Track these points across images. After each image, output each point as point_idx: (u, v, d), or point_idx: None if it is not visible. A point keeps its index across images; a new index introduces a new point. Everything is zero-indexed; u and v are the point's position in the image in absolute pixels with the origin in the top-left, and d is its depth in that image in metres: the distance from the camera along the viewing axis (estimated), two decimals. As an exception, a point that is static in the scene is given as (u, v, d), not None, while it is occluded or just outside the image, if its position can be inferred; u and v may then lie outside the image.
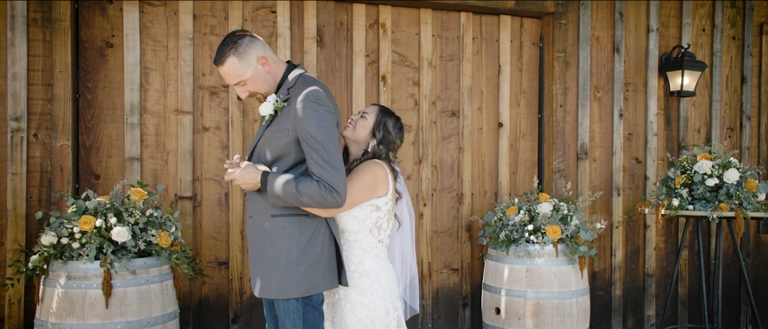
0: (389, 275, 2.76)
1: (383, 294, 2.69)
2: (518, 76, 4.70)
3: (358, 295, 2.66)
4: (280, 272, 2.47)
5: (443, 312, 4.54)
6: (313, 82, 2.54)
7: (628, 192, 4.88)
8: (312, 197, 2.38)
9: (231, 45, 2.52)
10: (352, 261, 2.68)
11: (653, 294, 4.97)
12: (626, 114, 4.89)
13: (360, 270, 2.67)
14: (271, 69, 2.60)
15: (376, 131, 2.79)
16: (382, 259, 2.74)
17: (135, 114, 3.84)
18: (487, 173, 4.63)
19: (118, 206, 3.27)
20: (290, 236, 2.48)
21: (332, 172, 2.37)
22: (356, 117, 2.85)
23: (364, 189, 2.63)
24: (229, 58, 2.51)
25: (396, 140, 2.84)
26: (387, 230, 2.75)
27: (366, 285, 2.66)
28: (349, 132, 2.83)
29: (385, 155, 2.80)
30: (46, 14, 3.60)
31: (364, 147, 2.82)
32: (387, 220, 2.73)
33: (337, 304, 2.70)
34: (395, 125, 2.84)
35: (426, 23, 4.45)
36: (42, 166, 3.61)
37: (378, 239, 2.72)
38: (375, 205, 2.68)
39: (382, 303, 2.67)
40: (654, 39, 4.95)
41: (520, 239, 3.99)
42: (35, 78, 3.60)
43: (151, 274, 3.25)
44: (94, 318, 3.10)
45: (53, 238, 3.15)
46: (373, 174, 2.70)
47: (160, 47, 3.91)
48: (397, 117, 2.88)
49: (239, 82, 2.55)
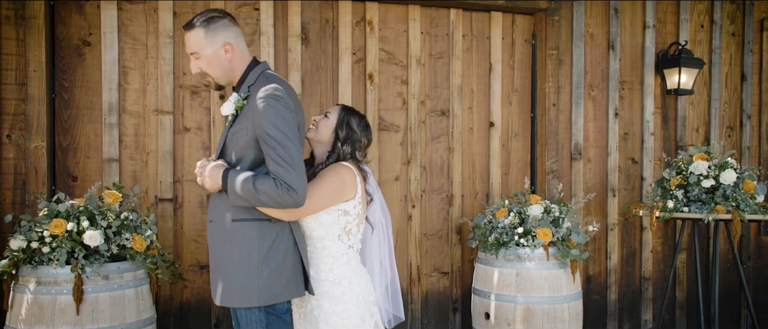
0: (363, 281, 2.64)
1: (357, 301, 2.57)
2: (510, 75, 4.58)
3: (331, 304, 2.54)
4: (240, 279, 2.36)
5: (433, 317, 4.43)
6: (273, 79, 2.43)
7: (624, 193, 4.75)
8: (269, 195, 2.26)
9: (205, 17, 2.48)
10: (321, 269, 2.56)
11: (650, 298, 4.84)
12: (622, 113, 4.76)
13: (331, 278, 2.55)
14: (232, 60, 2.51)
15: (339, 130, 2.69)
16: (354, 265, 2.62)
17: (113, 114, 3.74)
18: (478, 173, 4.51)
19: (92, 209, 3.17)
20: (251, 241, 2.37)
21: (289, 170, 2.26)
22: (319, 118, 2.76)
23: (329, 193, 2.51)
24: (196, 29, 2.47)
25: (362, 139, 2.73)
26: (357, 234, 2.63)
27: (338, 293, 2.55)
28: (312, 133, 2.74)
29: (350, 155, 2.69)
30: (20, 12, 3.51)
31: (328, 148, 2.71)
32: (356, 224, 2.62)
33: (309, 315, 2.58)
34: (359, 123, 2.73)
35: (414, 20, 4.33)
36: (16, 167, 3.52)
37: (348, 244, 2.60)
38: (343, 209, 2.56)
39: (357, 310, 2.56)
40: (650, 36, 4.82)
41: (509, 242, 3.87)
42: (8, 77, 3.51)
43: (125, 279, 3.15)
44: (65, 325, 3.00)
45: (23, 242, 3.05)
46: (340, 177, 2.58)
47: (139, 46, 3.81)
48: (361, 115, 2.78)
49: (195, 54, 2.48)
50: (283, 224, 2.42)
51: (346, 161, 2.66)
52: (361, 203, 2.62)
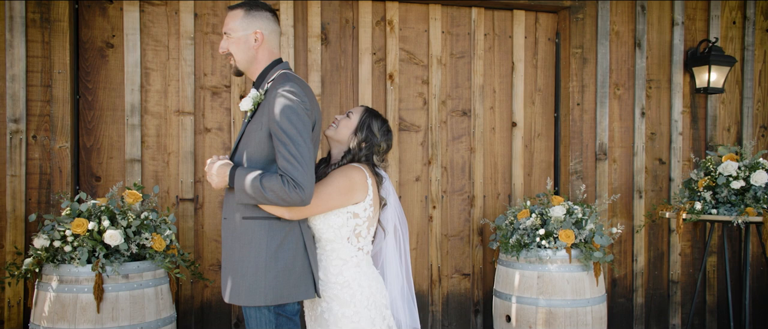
0: (374, 284, 2.58)
1: (367, 304, 2.52)
2: (533, 74, 4.52)
3: (341, 307, 2.50)
4: (248, 277, 2.36)
5: (454, 319, 4.38)
6: (293, 78, 2.43)
7: (651, 194, 4.65)
8: (275, 192, 2.25)
9: (250, 4, 2.53)
10: (330, 272, 2.52)
11: (679, 303, 4.72)
12: (649, 112, 4.66)
13: (340, 281, 2.51)
14: (259, 51, 2.52)
15: (359, 132, 2.63)
16: (364, 268, 2.56)
17: (136, 115, 3.79)
18: (500, 174, 4.46)
19: (113, 209, 3.21)
20: (260, 239, 2.36)
21: (298, 167, 2.25)
22: (340, 117, 2.71)
23: (336, 194, 2.47)
24: (237, 10, 2.53)
25: (381, 143, 2.66)
26: (368, 237, 2.58)
27: (348, 296, 2.50)
28: (332, 131, 2.69)
29: (365, 158, 2.63)
30: (45, 15, 3.58)
31: (345, 148, 2.67)
32: (367, 227, 2.56)
33: (320, 317, 2.55)
34: (381, 128, 2.67)
35: (435, 19, 4.30)
36: (41, 168, 3.59)
37: (357, 247, 2.55)
38: (352, 212, 2.51)
39: (367, 313, 2.51)
40: (679, 33, 4.70)
41: (531, 243, 3.81)
42: (34, 79, 3.58)
43: (145, 278, 3.19)
44: (86, 323, 3.04)
45: (46, 241, 3.10)
46: (349, 178, 2.53)
47: (160, 47, 3.85)
48: (384, 119, 2.72)
49: (227, 33, 2.52)
50: (293, 224, 2.41)
51: (359, 164, 2.61)
52: (372, 206, 2.57)
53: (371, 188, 2.56)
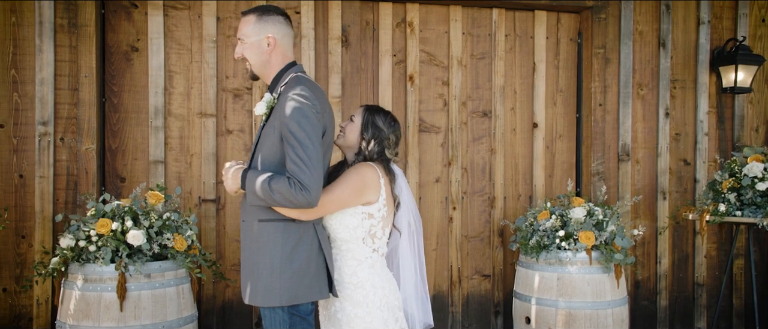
0: (387, 285, 2.59)
1: (380, 305, 2.53)
2: (555, 74, 4.49)
3: (354, 308, 2.52)
4: (264, 279, 2.40)
5: (474, 319, 4.38)
6: (305, 82, 2.46)
7: (676, 196, 4.58)
8: (282, 193, 2.28)
9: (262, 10, 2.58)
10: (345, 272, 2.54)
11: (704, 305, 4.65)
12: (673, 113, 4.59)
13: (354, 282, 2.53)
14: (272, 54, 2.55)
15: (364, 132, 2.64)
16: (378, 269, 2.58)
17: (159, 117, 3.87)
18: (521, 175, 4.44)
19: (136, 210, 3.28)
20: (275, 242, 2.40)
21: (305, 169, 2.27)
22: (345, 123, 2.73)
23: (348, 192, 2.49)
24: (250, 16, 2.58)
25: (389, 136, 2.66)
26: (383, 238, 2.60)
27: (361, 297, 2.52)
28: (341, 139, 2.72)
29: (378, 155, 2.64)
30: (73, 20, 3.67)
31: (356, 151, 2.68)
32: (382, 228, 2.58)
33: (333, 317, 2.58)
34: (385, 121, 2.67)
35: (455, 21, 4.30)
36: (68, 169, 3.68)
37: (372, 248, 2.56)
38: (367, 212, 2.53)
39: (380, 314, 2.52)
40: (705, 32, 4.63)
41: (550, 245, 3.79)
42: (62, 83, 3.67)
43: (167, 278, 3.25)
44: (109, 321, 3.12)
45: (71, 241, 3.19)
46: (361, 175, 2.54)
47: (184, 50, 3.93)
48: (386, 112, 2.72)
49: (241, 39, 2.58)
50: (307, 226, 2.44)
51: (372, 162, 2.62)
52: (386, 206, 2.58)
53: (384, 187, 2.57)
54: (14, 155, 3.64)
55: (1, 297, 3.64)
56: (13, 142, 3.64)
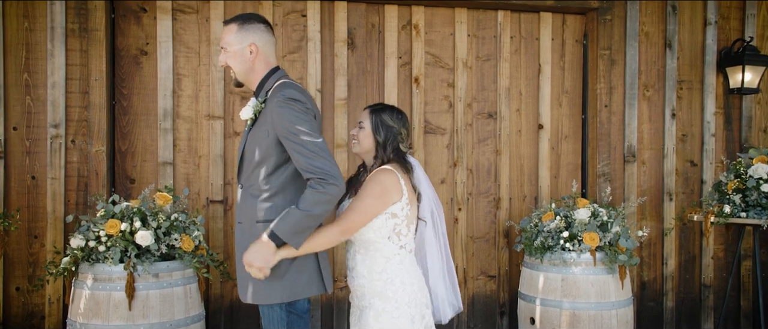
0: (416, 283, 2.65)
1: (408, 301, 2.59)
2: (560, 76, 4.51)
3: (383, 303, 2.58)
4: (266, 278, 2.45)
5: (480, 320, 4.41)
6: (293, 85, 2.54)
7: (682, 197, 4.58)
8: (314, 202, 2.33)
9: (243, 18, 2.65)
10: (375, 270, 2.61)
11: (711, 307, 4.64)
12: (679, 114, 4.59)
13: (384, 278, 2.59)
14: (254, 62, 2.62)
15: (377, 135, 2.70)
16: (407, 265, 2.63)
17: (168, 119, 3.93)
18: (527, 176, 4.46)
19: (145, 211, 3.35)
20: None
21: (319, 159, 2.34)
22: (355, 131, 2.78)
23: (373, 201, 2.54)
24: (232, 25, 2.65)
25: (401, 131, 2.72)
26: (408, 235, 2.65)
27: (390, 292, 2.58)
28: (357, 147, 2.77)
29: (395, 153, 2.70)
30: (83, 25, 3.74)
31: (374, 154, 2.74)
32: (406, 225, 2.64)
33: (363, 313, 2.65)
34: (393, 116, 2.73)
35: (461, 23, 4.33)
36: (79, 171, 3.76)
37: (399, 245, 2.62)
38: (390, 212, 2.59)
39: (408, 310, 2.58)
40: (712, 33, 4.62)
41: (555, 246, 3.81)
42: (73, 86, 3.75)
43: (174, 277, 3.31)
44: (118, 320, 3.18)
45: (81, 241, 3.26)
46: (380, 183, 2.59)
47: (192, 54, 3.99)
48: (392, 107, 2.77)
49: (224, 47, 2.65)
50: None
51: (388, 164, 2.67)
52: (409, 205, 2.63)
53: (405, 187, 2.62)
54: (27, 157, 3.72)
55: (15, 296, 3.72)
56: (26, 144, 3.72)
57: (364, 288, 2.63)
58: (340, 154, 4.14)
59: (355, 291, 2.69)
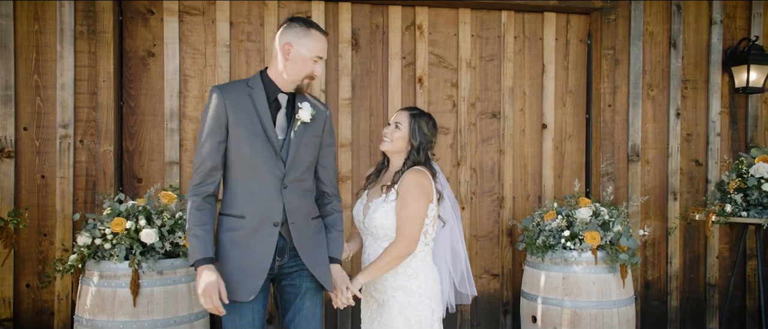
0: (435, 277, 2.83)
1: (430, 295, 2.77)
2: (564, 76, 4.52)
3: (407, 296, 2.74)
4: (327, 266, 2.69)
5: (483, 318, 4.43)
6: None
7: (687, 196, 4.57)
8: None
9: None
10: (401, 265, 2.76)
11: (716, 306, 4.62)
12: (684, 113, 4.58)
13: (409, 273, 2.76)
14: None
15: (412, 139, 2.82)
16: (428, 261, 2.82)
17: (174, 120, 4.00)
18: (530, 176, 4.48)
19: (150, 209, 3.41)
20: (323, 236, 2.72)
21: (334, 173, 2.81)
22: (389, 130, 2.86)
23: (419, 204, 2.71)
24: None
25: (433, 139, 2.87)
26: (432, 233, 2.82)
27: (415, 286, 2.75)
28: (388, 145, 2.86)
29: (425, 159, 2.83)
30: (92, 27, 3.82)
31: (404, 156, 2.85)
32: (432, 224, 2.81)
33: (384, 305, 2.78)
34: (428, 124, 2.85)
35: (464, 23, 4.36)
36: (87, 170, 3.84)
37: (424, 242, 2.80)
38: None
39: (429, 303, 2.76)
40: (717, 32, 4.61)
41: (556, 245, 3.83)
42: (81, 87, 3.83)
43: (178, 275, 3.37)
44: (123, 316, 3.25)
45: (88, 239, 3.32)
46: (420, 185, 2.74)
47: (198, 55, 4.05)
48: (428, 115, 2.90)
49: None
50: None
51: (420, 166, 2.80)
52: (435, 204, 2.80)
53: (433, 188, 2.78)
54: (37, 157, 3.81)
55: (25, 292, 3.80)
56: (36, 144, 3.81)
57: (387, 282, 2.78)
58: (345, 153, 4.19)
59: (376, 284, 2.82)
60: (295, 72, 2.55)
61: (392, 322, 2.74)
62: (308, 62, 2.54)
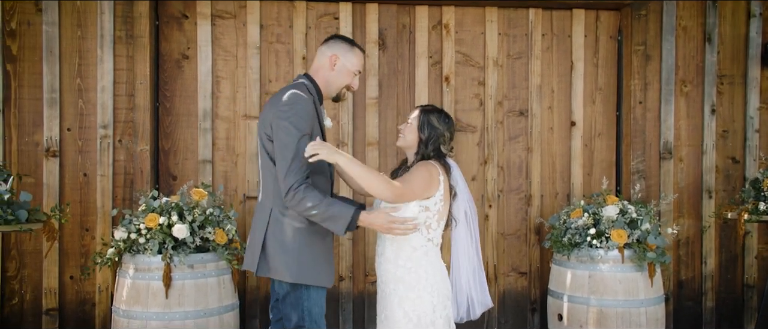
0: (439, 274, 2.83)
1: (431, 290, 2.78)
2: (593, 73, 4.48)
3: (406, 290, 2.78)
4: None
5: (511, 316, 4.44)
6: None
7: (723, 194, 4.46)
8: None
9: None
10: (401, 257, 2.81)
11: (755, 308, 4.50)
12: (720, 109, 4.47)
13: (408, 266, 2.79)
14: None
15: (421, 133, 2.87)
16: (432, 257, 2.82)
17: (207, 120, 4.15)
18: (559, 173, 4.46)
19: (182, 205, 3.56)
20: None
21: None
22: (403, 126, 2.97)
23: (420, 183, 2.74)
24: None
25: (445, 133, 2.90)
26: (437, 230, 2.84)
27: (413, 280, 2.78)
28: (402, 141, 2.96)
29: (435, 152, 2.87)
30: (130, 32, 4.00)
31: (416, 150, 2.92)
32: (436, 220, 2.82)
33: (387, 297, 2.85)
34: (440, 118, 2.90)
35: (491, 22, 4.37)
36: (125, 168, 4.02)
37: (427, 237, 2.81)
38: (424, 205, 2.77)
39: (430, 299, 2.77)
40: (756, 25, 4.48)
41: (582, 243, 3.81)
42: (120, 90, 4.02)
43: (208, 268, 3.51)
44: (156, 307, 3.41)
45: (124, 234, 3.50)
46: (428, 173, 2.79)
47: (230, 57, 4.20)
48: (440, 110, 2.95)
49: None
50: None
51: (431, 160, 2.86)
52: (442, 201, 2.82)
53: (442, 184, 2.81)
54: (79, 156, 4.01)
55: (69, 284, 4.02)
56: (79, 144, 4.01)
57: (389, 274, 2.83)
58: (372, 152, 4.26)
59: (381, 275, 2.90)
60: (338, 82, 2.87)
61: (393, 315, 2.81)
62: (350, 75, 2.87)
